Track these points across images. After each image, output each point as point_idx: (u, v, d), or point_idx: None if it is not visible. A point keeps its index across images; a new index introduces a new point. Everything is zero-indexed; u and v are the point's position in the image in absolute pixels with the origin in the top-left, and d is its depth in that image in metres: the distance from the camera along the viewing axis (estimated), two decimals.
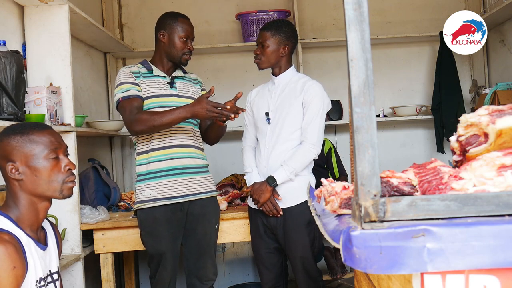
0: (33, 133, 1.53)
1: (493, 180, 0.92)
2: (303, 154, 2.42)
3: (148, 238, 2.42)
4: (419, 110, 3.83)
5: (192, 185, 2.45)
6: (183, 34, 2.44)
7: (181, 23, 2.46)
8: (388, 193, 0.96)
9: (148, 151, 2.43)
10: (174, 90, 2.47)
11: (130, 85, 2.39)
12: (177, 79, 2.51)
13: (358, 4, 0.83)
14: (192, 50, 2.49)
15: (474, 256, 0.79)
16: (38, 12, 2.58)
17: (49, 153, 1.52)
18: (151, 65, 2.49)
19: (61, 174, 1.54)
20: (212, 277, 2.53)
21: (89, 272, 2.85)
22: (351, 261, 0.81)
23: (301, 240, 2.45)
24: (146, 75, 2.45)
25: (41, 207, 1.55)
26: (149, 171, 2.42)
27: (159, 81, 2.46)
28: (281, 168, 2.41)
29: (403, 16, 4.06)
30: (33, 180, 1.51)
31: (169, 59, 2.48)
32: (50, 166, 1.52)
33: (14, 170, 1.49)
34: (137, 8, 4.07)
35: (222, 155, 3.98)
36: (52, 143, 1.54)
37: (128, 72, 2.43)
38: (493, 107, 1.05)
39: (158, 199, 2.40)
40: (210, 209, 2.53)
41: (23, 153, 1.50)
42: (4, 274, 1.33)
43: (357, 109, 0.82)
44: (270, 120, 2.51)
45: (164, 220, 2.39)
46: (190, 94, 2.52)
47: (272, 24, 2.53)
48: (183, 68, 2.59)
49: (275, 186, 2.42)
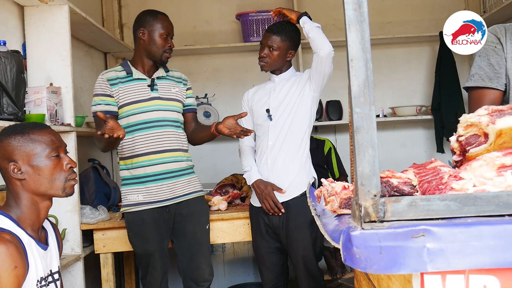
0: (34, 133, 1.53)
1: (493, 180, 0.92)
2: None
3: (135, 239, 2.42)
4: (419, 110, 3.83)
5: (177, 187, 2.44)
6: (163, 31, 2.40)
7: (161, 20, 2.42)
8: (388, 193, 0.96)
9: (131, 156, 2.41)
10: (155, 92, 2.43)
11: (102, 97, 2.38)
12: (159, 79, 2.46)
13: (358, 4, 0.83)
14: (173, 47, 2.45)
15: (474, 256, 0.78)
16: (38, 12, 2.58)
17: (51, 152, 1.53)
18: (131, 67, 2.43)
19: (63, 172, 1.55)
20: (208, 278, 2.52)
21: (89, 272, 2.85)
22: (351, 261, 0.81)
23: (303, 239, 2.46)
24: (124, 80, 2.41)
25: (43, 206, 1.55)
26: (134, 176, 2.41)
27: (138, 85, 2.41)
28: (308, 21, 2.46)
29: (403, 16, 4.06)
30: (36, 179, 1.51)
31: (149, 57, 2.44)
32: (52, 165, 1.53)
33: (17, 170, 1.49)
34: (137, 8, 4.05)
35: (222, 155, 3.98)
36: (53, 142, 1.55)
37: (104, 80, 2.40)
38: (493, 107, 1.05)
39: (144, 203, 2.40)
40: (198, 208, 2.52)
41: (24, 152, 1.50)
42: (5, 274, 1.34)
43: (357, 109, 0.82)
44: (271, 117, 2.51)
45: (151, 220, 2.39)
46: (173, 95, 2.48)
47: (281, 29, 2.51)
48: (165, 66, 2.53)
49: (304, 15, 2.49)
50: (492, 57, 1.72)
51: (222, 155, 3.97)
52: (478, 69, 1.75)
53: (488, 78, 1.72)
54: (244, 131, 2.31)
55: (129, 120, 2.40)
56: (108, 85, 2.39)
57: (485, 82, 1.72)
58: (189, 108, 2.58)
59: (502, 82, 1.70)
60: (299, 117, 2.49)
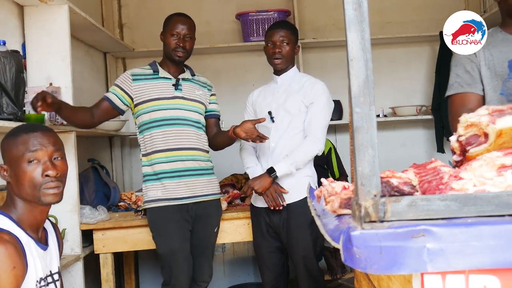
0: (21, 135, 1.47)
1: (493, 180, 0.92)
2: (306, 149, 2.42)
3: (158, 239, 2.44)
4: (419, 110, 3.83)
5: (196, 187, 2.46)
6: (172, 31, 2.45)
7: (173, 21, 2.48)
8: (388, 193, 0.96)
9: (151, 152, 2.45)
10: (179, 92, 2.49)
11: (117, 88, 2.47)
12: (184, 81, 2.52)
13: (358, 4, 0.83)
14: (186, 47, 2.47)
15: (474, 256, 0.78)
16: (38, 12, 2.58)
17: (28, 157, 1.44)
18: (158, 67, 2.51)
19: (39, 179, 1.44)
20: (207, 279, 2.55)
21: (89, 272, 2.85)
22: (351, 261, 0.81)
23: (303, 238, 2.45)
24: (150, 77, 2.48)
25: (37, 210, 1.50)
26: (154, 172, 2.44)
27: (163, 83, 2.48)
28: (283, 161, 2.41)
29: (403, 16, 4.06)
30: (16, 185, 1.46)
31: (168, 59, 2.51)
32: (28, 171, 1.44)
33: (5, 173, 1.48)
34: (137, 8, 4.07)
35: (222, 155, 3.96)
36: (33, 145, 1.45)
37: (127, 75, 2.49)
38: (493, 107, 1.05)
39: (162, 199, 2.42)
40: (212, 211, 2.54)
41: (9, 156, 1.47)
42: (3, 274, 1.33)
43: (357, 109, 0.82)
44: (273, 119, 2.51)
45: (172, 220, 2.41)
46: (196, 97, 2.53)
47: (285, 23, 2.60)
48: (191, 70, 2.60)
49: (274, 177, 2.40)
50: (467, 65, 1.82)
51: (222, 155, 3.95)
52: (456, 78, 1.84)
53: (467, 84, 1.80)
54: (261, 137, 2.34)
55: (150, 116, 2.45)
56: (130, 80, 2.47)
57: (465, 88, 1.81)
58: (212, 114, 2.62)
59: (480, 88, 1.79)
60: (300, 120, 2.48)
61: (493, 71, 1.77)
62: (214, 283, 3.64)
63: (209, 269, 2.54)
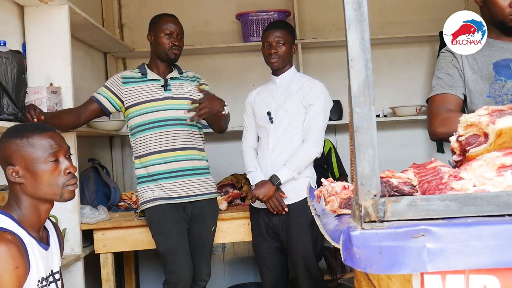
0: (33, 136, 1.50)
1: (493, 180, 0.92)
2: (305, 153, 2.43)
3: (158, 237, 2.45)
4: (419, 110, 3.83)
5: (191, 186, 2.48)
6: (166, 30, 2.48)
7: (164, 21, 2.51)
8: (388, 193, 0.96)
9: (145, 154, 2.47)
10: (169, 92, 2.51)
11: (106, 90, 2.52)
12: (172, 80, 2.54)
13: (358, 4, 0.83)
14: (180, 45, 2.53)
15: (474, 256, 0.78)
16: (38, 12, 2.58)
17: (48, 157, 1.50)
18: (146, 69, 2.54)
19: (61, 177, 1.51)
20: (205, 278, 2.55)
21: (89, 272, 2.85)
22: (351, 261, 0.81)
23: (303, 238, 2.45)
24: (139, 80, 2.51)
25: (43, 209, 1.53)
26: (149, 173, 2.46)
27: (152, 85, 2.51)
28: (284, 167, 2.42)
29: (403, 16, 4.06)
30: (33, 184, 1.49)
31: (159, 59, 2.53)
32: (49, 170, 1.50)
33: (15, 174, 1.48)
34: (137, 8, 4.06)
35: (222, 155, 3.97)
36: (52, 146, 1.51)
37: (117, 77, 2.54)
38: (493, 107, 1.05)
39: (159, 199, 2.44)
40: (208, 210, 2.55)
41: (22, 157, 1.48)
42: (6, 274, 1.33)
43: (357, 109, 0.82)
44: (272, 120, 2.51)
45: (170, 217, 2.42)
46: (186, 94, 2.54)
47: (283, 24, 2.62)
48: (179, 68, 2.61)
49: (278, 185, 2.42)
50: (449, 69, 1.85)
51: (222, 155, 3.97)
52: (437, 80, 1.90)
53: (448, 86, 1.85)
54: None
55: (142, 118, 2.48)
56: (120, 83, 2.51)
57: (446, 89, 1.84)
58: None
59: (461, 91, 1.83)
60: (299, 121, 2.48)
61: (479, 75, 1.80)
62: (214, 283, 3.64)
63: (207, 268, 2.55)
